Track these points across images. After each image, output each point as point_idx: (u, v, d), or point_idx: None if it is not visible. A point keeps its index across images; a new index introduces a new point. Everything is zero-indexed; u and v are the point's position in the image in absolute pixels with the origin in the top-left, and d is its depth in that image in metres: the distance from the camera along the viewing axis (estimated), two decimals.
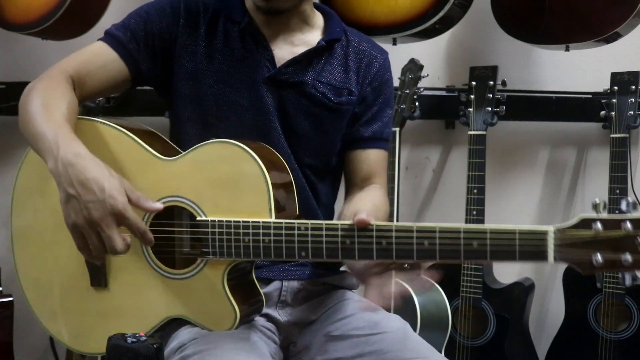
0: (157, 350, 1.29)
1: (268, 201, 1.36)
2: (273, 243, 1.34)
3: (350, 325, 1.54)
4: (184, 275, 1.42)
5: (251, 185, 1.36)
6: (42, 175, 1.48)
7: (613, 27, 2.30)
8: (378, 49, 1.68)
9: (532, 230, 1.19)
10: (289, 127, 1.58)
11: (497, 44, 2.72)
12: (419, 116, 2.50)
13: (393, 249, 1.27)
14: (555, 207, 2.84)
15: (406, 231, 1.26)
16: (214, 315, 1.40)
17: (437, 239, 1.24)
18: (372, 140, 1.65)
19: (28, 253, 1.55)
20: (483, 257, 1.22)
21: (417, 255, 1.26)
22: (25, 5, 2.23)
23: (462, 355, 2.50)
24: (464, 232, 1.22)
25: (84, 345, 1.52)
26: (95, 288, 1.48)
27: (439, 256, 1.25)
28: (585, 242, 1.15)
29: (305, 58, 1.59)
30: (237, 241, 1.36)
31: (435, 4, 2.31)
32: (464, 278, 2.48)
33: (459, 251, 1.23)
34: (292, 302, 1.58)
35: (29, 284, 1.55)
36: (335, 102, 1.60)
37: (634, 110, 2.45)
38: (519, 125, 2.78)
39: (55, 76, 1.47)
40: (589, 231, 1.15)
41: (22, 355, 2.51)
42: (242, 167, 1.37)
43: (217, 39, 1.57)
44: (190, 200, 1.40)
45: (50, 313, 1.53)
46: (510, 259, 1.21)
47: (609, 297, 2.45)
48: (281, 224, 1.34)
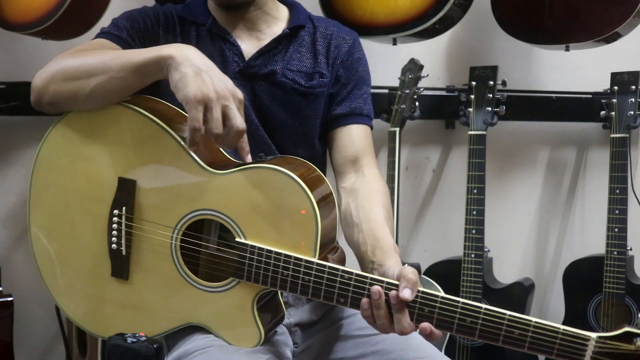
0: (157, 350, 1.29)
1: (315, 241, 1.33)
2: (313, 283, 1.32)
3: (353, 325, 1.55)
4: (213, 289, 1.41)
5: (300, 221, 1.33)
6: (68, 152, 1.48)
7: (613, 27, 2.30)
8: (346, 31, 1.69)
9: (575, 334, 1.19)
10: (267, 119, 1.59)
11: (497, 44, 2.72)
12: (419, 116, 2.50)
13: (435, 317, 1.27)
14: (556, 207, 2.84)
15: (451, 305, 1.26)
16: (237, 333, 1.40)
17: (481, 319, 1.24)
18: (352, 115, 1.64)
19: (46, 228, 1.52)
20: (520, 347, 1.22)
21: (456, 329, 1.26)
22: (25, 5, 2.23)
23: (462, 355, 2.50)
24: (508, 320, 1.23)
25: (95, 327, 1.51)
26: (116, 278, 1.47)
27: (478, 335, 1.25)
28: (625, 355, 1.15)
29: (272, 48, 1.61)
30: (275, 272, 1.34)
31: (435, 4, 2.31)
32: (464, 278, 2.48)
33: (499, 335, 1.24)
34: (295, 303, 1.59)
35: (44, 258, 1.52)
36: (306, 86, 1.61)
37: (634, 110, 2.45)
38: (519, 125, 2.78)
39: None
40: (631, 346, 1.15)
41: (22, 355, 2.52)
42: (293, 201, 1.33)
43: (190, 40, 1.60)
44: (231, 219, 1.37)
45: (65, 289, 1.52)
46: (547, 354, 1.22)
47: (609, 297, 2.44)
48: (324, 267, 1.32)
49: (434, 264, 2.62)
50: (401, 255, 2.69)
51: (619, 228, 2.41)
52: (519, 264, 2.85)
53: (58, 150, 1.49)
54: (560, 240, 2.85)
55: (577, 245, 2.80)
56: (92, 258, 1.48)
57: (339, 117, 1.65)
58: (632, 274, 2.48)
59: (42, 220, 1.52)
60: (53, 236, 1.52)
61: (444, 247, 2.75)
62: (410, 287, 1.26)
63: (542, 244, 2.86)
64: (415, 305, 1.27)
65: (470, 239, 2.44)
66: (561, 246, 2.85)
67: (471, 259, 2.46)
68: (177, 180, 1.41)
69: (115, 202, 1.45)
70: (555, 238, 2.85)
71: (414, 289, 1.27)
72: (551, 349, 1.20)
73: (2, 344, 2.31)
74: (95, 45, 1.53)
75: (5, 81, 2.49)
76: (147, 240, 1.45)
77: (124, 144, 1.44)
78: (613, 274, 2.43)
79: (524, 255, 2.86)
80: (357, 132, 1.64)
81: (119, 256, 1.46)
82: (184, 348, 1.42)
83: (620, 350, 1.15)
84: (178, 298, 1.43)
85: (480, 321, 1.24)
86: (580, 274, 2.56)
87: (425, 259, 2.68)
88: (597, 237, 2.55)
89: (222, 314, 1.40)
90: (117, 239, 1.45)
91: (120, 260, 1.46)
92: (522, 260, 2.86)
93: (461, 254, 2.48)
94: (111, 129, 1.45)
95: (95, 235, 1.47)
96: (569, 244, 2.83)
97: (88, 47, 1.51)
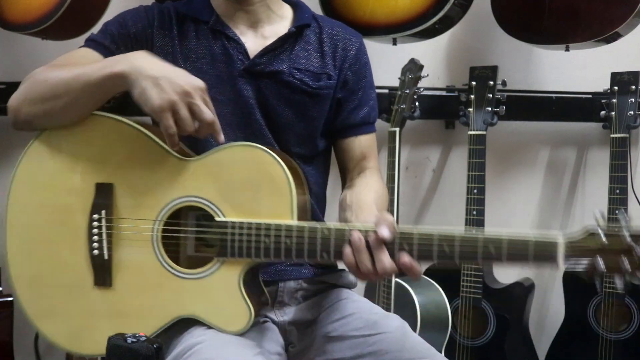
0: (157, 350, 1.29)
1: (290, 204, 1.38)
2: (295, 245, 1.36)
3: (349, 325, 1.54)
4: (198, 275, 1.42)
5: (274, 187, 1.38)
6: (44, 171, 1.49)
7: (613, 27, 2.30)
8: (351, 32, 1.69)
9: (546, 239, 1.27)
10: (271, 117, 1.59)
11: (497, 44, 2.72)
12: (419, 116, 2.50)
13: (415, 251, 1.32)
14: (555, 207, 2.84)
15: (427, 236, 1.32)
16: (227, 315, 1.41)
17: (457, 245, 1.30)
18: (363, 125, 1.67)
19: (24, 250, 1.51)
20: (499, 261, 1.29)
21: (437, 258, 1.32)
22: (25, 5, 2.23)
23: (462, 355, 2.50)
24: (483, 240, 1.29)
25: (82, 347, 1.50)
26: (99, 287, 1.47)
27: (458, 259, 1.31)
28: (591, 250, 1.26)
29: (277, 46, 1.59)
30: (257, 242, 1.38)
31: (435, 4, 2.31)
32: (464, 278, 2.48)
33: (476, 254, 1.30)
34: (290, 302, 1.59)
35: (22, 282, 1.51)
36: (314, 87, 1.60)
37: (634, 110, 2.45)
38: (519, 125, 2.78)
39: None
40: (594, 242, 1.26)
41: (22, 355, 2.51)
42: (265, 170, 1.39)
43: (189, 38, 1.58)
44: (208, 201, 1.42)
45: (46, 312, 1.50)
46: (524, 262, 1.30)
47: (609, 297, 2.44)
48: (303, 228, 1.36)
49: (434, 264, 2.62)
50: None
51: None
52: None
53: (34, 169, 1.50)
54: None
55: None
56: (73, 272, 1.47)
57: (352, 126, 1.66)
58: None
59: (19, 243, 1.51)
60: (32, 258, 1.50)
61: None
62: (387, 226, 1.31)
63: None
64: (394, 243, 1.32)
65: None
66: None
67: None
68: (153, 175, 1.44)
69: (94, 207, 1.46)
70: None
71: (390, 228, 1.32)
72: (526, 257, 1.28)
73: (2, 344, 2.31)
74: (73, 58, 1.54)
75: (5, 81, 2.48)
76: (128, 238, 1.46)
77: (100, 151, 1.47)
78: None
79: None
80: (366, 141, 1.68)
81: (101, 262, 1.46)
82: (176, 351, 1.42)
83: (587, 248, 1.26)
84: (164, 293, 1.43)
85: (457, 246, 1.30)
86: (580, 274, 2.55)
87: None
88: None
89: (209, 300, 1.41)
90: (98, 243, 1.46)
91: (103, 267, 1.46)
92: None
93: None
94: (85, 139, 1.48)
95: (75, 247, 1.46)
96: None
97: (66, 60, 1.53)
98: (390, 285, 2.36)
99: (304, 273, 1.60)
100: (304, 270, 1.60)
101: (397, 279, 2.39)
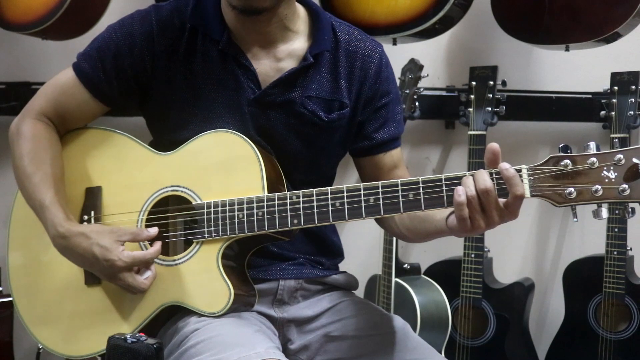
0: (157, 350, 1.29)
1: (261, 177, 1.43)
2: (266, 215, 1.41)
3: (350, 326, 1.54)
4: (179, 260, 1.47)
5: (244, 164, 1.44)
6: None
7: (613, 27, 2.30)
8: (370, 45, 1.58)
9: (511, 170, 1.33)
10: (279, 148, 1.53)
11: (497, 44, 2.71)
12: (419, 116, 2.50)
13: (380, 205, 1.36)
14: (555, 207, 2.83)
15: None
16: (208, 296, 1.44)
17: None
18: (392, 141, 1.61)
19: (24, 260, 1.59)
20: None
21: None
22: (25, 5, 2.23)
23: (462, 355, 2.50)
24: (445, 180, 1.34)
25: (78, 349, 1.53)
26: (89, 286, 1.52)
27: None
28: (557, 175, 1.32)
29: (291, 77, 1.51)
30: (231, 218, 1.43)
31: (435, 4, 2.31)
32: (464, 278, 2.48)
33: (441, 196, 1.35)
34: (289, 301, 1.59)
35: (20, 291, 1.59)
36: (326, 120, 1.53)
37: (634, 110, 2.44)
38: (519, 125, 2.78)
39: (37, 126, 1.55)
40: (559, 167, 1.32)
41: (22, 355, 2.51)
42: (235, 149, 1.45)
43: (196, 61, 1.51)
44: (186, 188, 1.48)
45: (41, 319, 1.55)
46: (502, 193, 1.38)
47: (609, 297, 2.44)
48: (273, 197, 1.42)
49: (434, 264, 2.62)
50: (401, 255, 2.69)
51: (619, 228, 2.41)
52: (519, 264, 2.85)
53: None
54: (560, 241, 2.85)
55: (577, 245, 2.80)
56: (66, 275, 1.54)
57: (381, 144, 1.60)
58: (632, 274, 2.48)
59: (20, 257, 1.59)
60: (30, 269, 1.58)
61: (444, 247, 2.74)
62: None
63: (542, 244, 2.86)
64: (360, 200, 1.37)
65: (470, 238, 2.45)
66: (561, 246, 2.85)
67: (471, 259, 2.46)
68: (138, 173, 1.52)
69: (84, 209, 1.54)
70: (555, 238, 2.85)
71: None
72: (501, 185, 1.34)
73: (2, 344, 2.32)
74: (64, 92, 1.55)
75: (5, 81, 2.48)
76: None
77: (89, 159, 1.56)
78: (613, 274, 2.42)
79: (524, 255, 2.86)
80: (397, 154, 1.63)
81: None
82: (174, 340, 1.45)
83: (552, 173, 1.33)
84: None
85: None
86: (580, 274, 2.56)
87: (425, 259, 2.68)
88: (597, 237, 2.55)
89: (190, 282, 1.45)
90: None
91: None
92: (522, 260, 2.86)
93: (461, 254, 2.48)
94: (78, 151, 1.58)
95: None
96: (569, 244, 2.83)
97: (59, 91, 1.56)
98: (390, 285, 2.36)
99: (305, 273, 1.59)
100: (305, 270, 1.60)
101: (397, 279, 2.39)
